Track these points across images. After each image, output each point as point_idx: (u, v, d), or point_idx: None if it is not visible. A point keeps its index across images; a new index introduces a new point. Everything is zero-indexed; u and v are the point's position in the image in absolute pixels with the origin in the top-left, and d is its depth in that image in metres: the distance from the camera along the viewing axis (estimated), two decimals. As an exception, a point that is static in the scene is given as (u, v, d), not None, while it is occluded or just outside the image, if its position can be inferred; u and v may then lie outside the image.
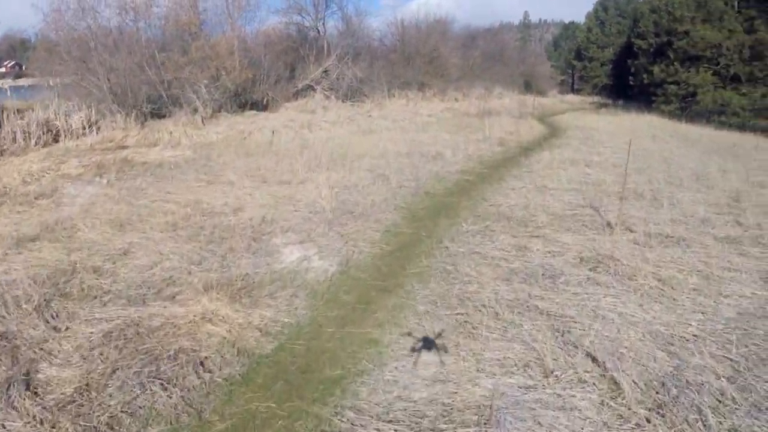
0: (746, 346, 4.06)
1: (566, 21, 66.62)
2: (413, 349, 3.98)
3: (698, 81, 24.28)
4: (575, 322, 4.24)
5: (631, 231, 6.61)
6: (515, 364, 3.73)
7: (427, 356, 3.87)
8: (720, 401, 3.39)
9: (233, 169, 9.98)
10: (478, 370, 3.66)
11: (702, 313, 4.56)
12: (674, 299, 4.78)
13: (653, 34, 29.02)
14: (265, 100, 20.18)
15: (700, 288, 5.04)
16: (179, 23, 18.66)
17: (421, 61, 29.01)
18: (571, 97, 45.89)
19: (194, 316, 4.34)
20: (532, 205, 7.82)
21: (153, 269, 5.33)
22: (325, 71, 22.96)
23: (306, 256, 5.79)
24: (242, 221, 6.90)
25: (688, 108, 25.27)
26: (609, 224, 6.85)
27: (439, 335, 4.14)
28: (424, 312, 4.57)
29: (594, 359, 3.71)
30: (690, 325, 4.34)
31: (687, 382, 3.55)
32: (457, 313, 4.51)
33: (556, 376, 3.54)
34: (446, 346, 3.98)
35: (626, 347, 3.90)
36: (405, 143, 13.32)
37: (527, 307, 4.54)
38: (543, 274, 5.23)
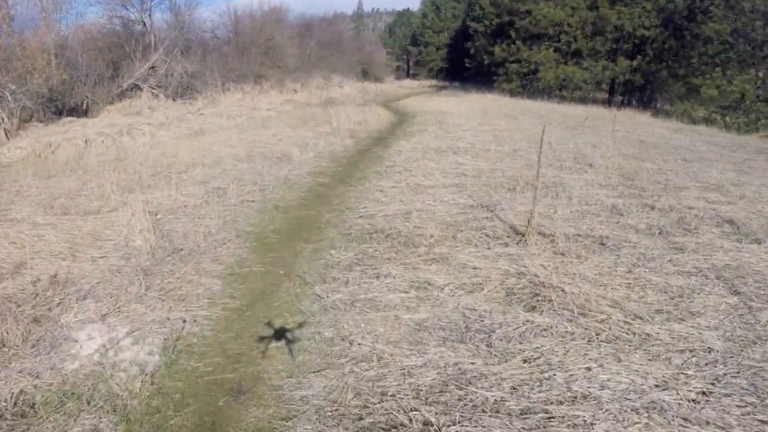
0: (773, 399, 2.97)
1: (399, 9, 68.98)
2: None
3: (540, 58, 25.44)
4: (551, 419, 2.77)
5: (546, 236, 5.49)
6: None
7: None
8: None
9: (27, 198, 7.25)
10: None
11: (689, 350, 3.43)
12: (647, 336, 3.60)
13: (494, 15, 29.94)
14: (85, 104, 17.48)
15: (665, 309, 3.97)
16: (-17, 19, 15.18)
17: (256, 52, 27.64)
18: (408, 82, 47.71)
19: None
20: (413, 212, 6.39)
21: None
22: (152, 67, 20.65)
23: (112, 340, 3.67)
24: (23, 287, 4.47)
25: (529, 85, 26.41)
26: (515, 230, 5.66)
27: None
28: (303, 440, 2.79)
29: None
30: (687, 375, 3.17)
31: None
32: (360, 428, 2.82)
33: None
34: None
35: (642, 452, 2.54)
36: (244, 144, 11.40)
37: (470, 401, 2.95)
38: (467, 328, 3.71)
